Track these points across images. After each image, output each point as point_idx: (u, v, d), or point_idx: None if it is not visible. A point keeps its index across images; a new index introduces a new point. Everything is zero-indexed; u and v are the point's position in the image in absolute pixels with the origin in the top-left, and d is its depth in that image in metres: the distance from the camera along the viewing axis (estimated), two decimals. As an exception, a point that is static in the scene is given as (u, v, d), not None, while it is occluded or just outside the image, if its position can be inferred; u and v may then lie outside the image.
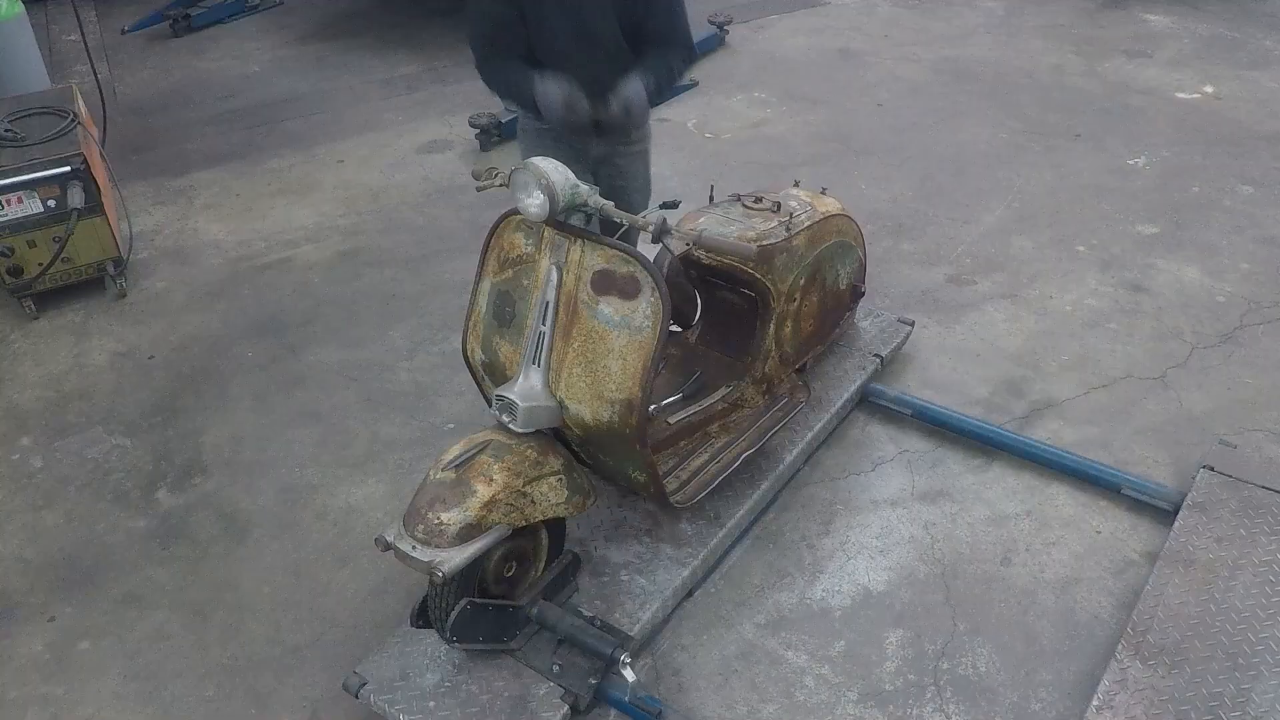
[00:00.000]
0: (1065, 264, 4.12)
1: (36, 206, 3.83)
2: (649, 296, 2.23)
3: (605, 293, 2.27)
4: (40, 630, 2.73)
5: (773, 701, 2.45)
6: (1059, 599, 2.68)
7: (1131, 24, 6.59)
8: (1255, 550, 2.64)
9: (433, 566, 2.13)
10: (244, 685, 2.55)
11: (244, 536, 2.99)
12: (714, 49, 6.30)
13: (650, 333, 2.23)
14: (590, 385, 2.30)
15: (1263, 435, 3.19)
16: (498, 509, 2.22)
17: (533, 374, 2.34)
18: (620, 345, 2.26)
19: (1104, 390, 3.42)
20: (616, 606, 2.53)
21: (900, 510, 2.97)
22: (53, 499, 3.15)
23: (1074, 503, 2.97)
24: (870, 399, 3.31)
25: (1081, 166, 4.86)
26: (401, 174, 4.97)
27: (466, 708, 2.30)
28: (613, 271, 2.26)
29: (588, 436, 2.40)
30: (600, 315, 2.28)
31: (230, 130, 5.50)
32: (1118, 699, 2.29)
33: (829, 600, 2.71)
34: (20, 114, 4.10)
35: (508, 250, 2.42)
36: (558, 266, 2.31)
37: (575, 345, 2.31)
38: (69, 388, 3.62)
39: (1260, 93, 5.56)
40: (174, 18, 6.79)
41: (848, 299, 3.31)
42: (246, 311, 3.99)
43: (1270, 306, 3.80)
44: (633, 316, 2.25)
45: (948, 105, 5.54)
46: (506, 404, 2.33)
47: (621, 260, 2.25)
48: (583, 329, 2.31)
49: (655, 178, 3.15)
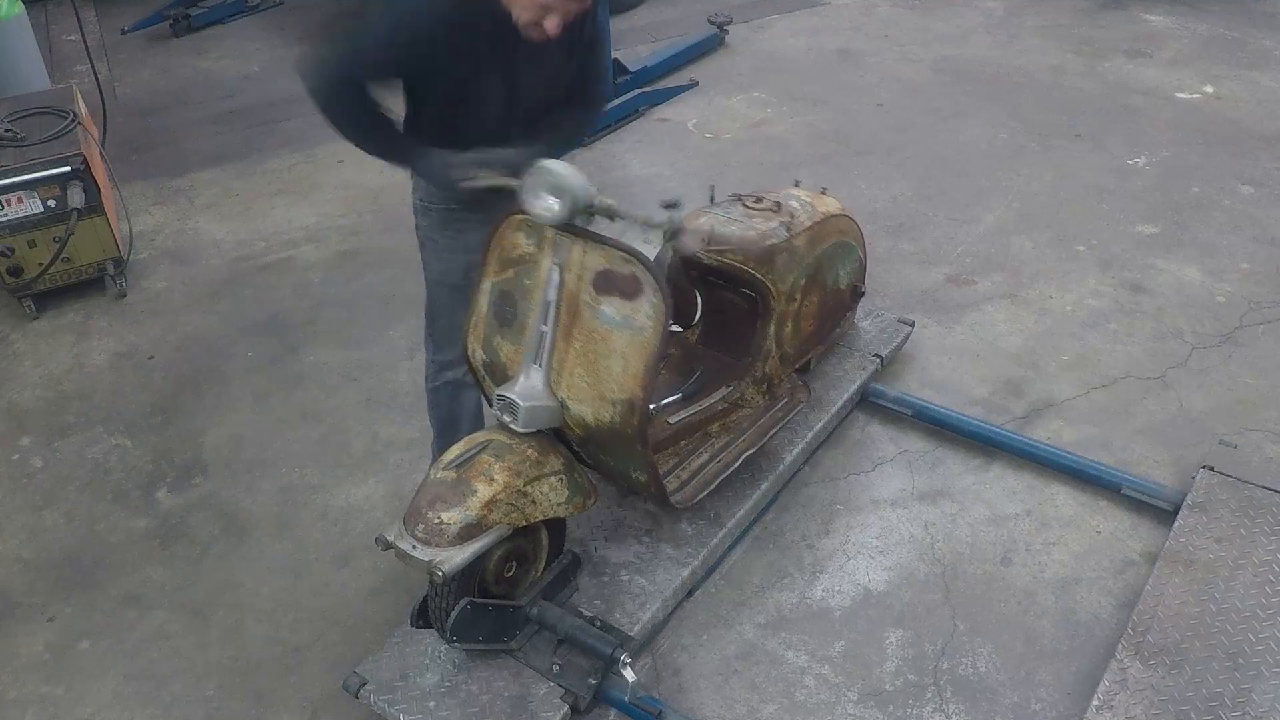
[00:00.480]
0: (1065, 264, 4.12)
1: (36, 206, 3.83)
2: (650, 297, 2.23)
3: (607, 293, 2.27)
4: (40, 630, 2.73)
5: (773, 701, 2.45)
6: (1059, 599, 2.68)
7: (1131, 24, 6.59)
8: (1255, 550, 2.64)
9: (433, 566, 2.13)
10: (244, 685, 2.55)
11: (244, 536, 2.99)
12: (714, 49, 6.29)
13: (652, 333, 2.23)
14: (592, 385, 2.30)
15: (1263, 435, 3.19)
16: (498, 509, 2.22)
17: (534, 374, 2.34)
18: (622, 345, 2.26)
19: (1104, 390, 3.42)
20: (616, 606, 2.53)
21: (900, 510, 2.97)
22: (53, 499, 3.15)
23: (1074, 503, 2.97)
24: (870, 399, 3.31)
25: (1081, 166, 4.86)
26: (401, 174, 4.94)
27: (466, 708, 2.30)
28: (614, 271, 2.26)
29: (589, 436, 2.40)
30: (602, 315, 2.28)
31: (230, 130, 5.50)
32: (1118, 699, 2.29)
33: (829, 600, 2.71)
34: (20, 114, 4.10)
35: (509, 250, 2.42)
36: (559, 266, 2.31)
37: (577, 345, 2.31)
38: (69, 388, 3.62)
39: (1260, 93, 5.56)
40: (174, 18, 6.79)
41: (848, 299, 3.31)
42: (247, 311, 3.99)
43: (1270, 307, 3.80)
44: (634, 316, 2.25)
45: (948, 105, 5.54)
46: (508, 403, 2.33)
47: (623, 260, 2.25)
48: (584, 329, 2.30)
49: (656, 178, 3.15)
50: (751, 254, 2.80)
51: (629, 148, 5.16)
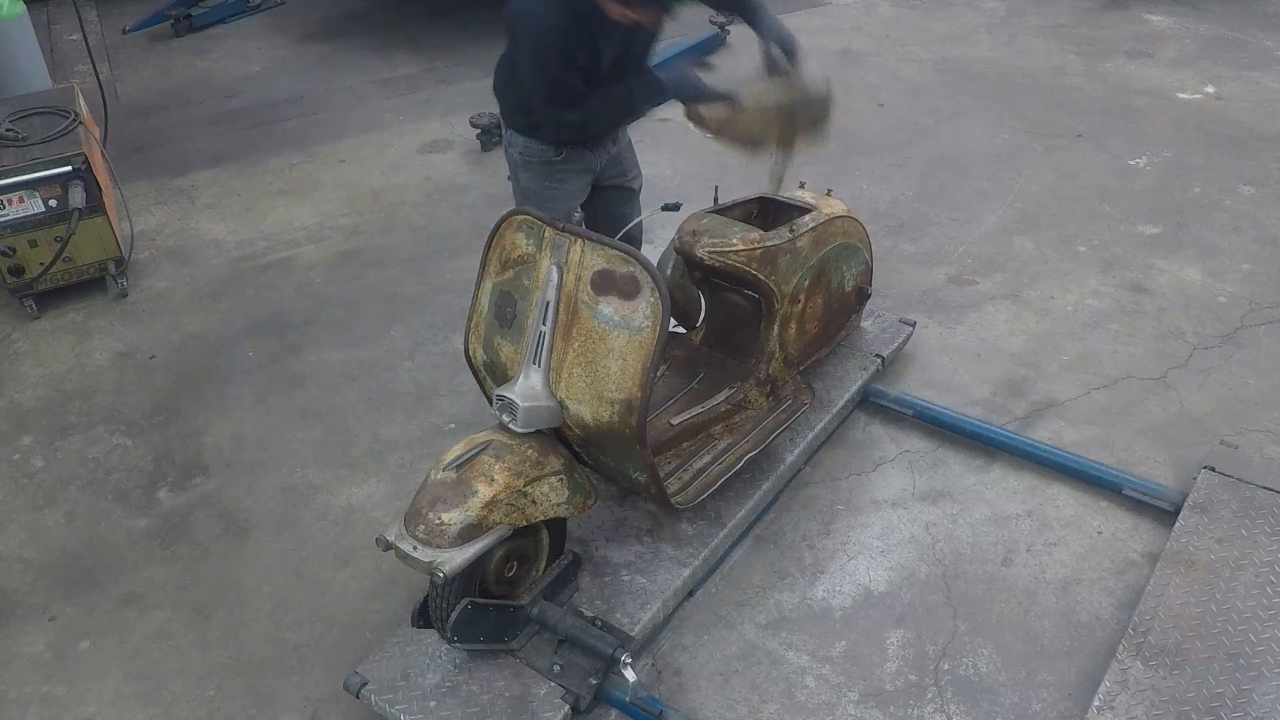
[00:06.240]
0: (1066, 264, 4.12)
1: (38, 206, 3.83)
2: (649, 296, 2.23)
3: (605, 293, 2.27)
4: (41, 630, 2.73)
5: (773, 702, 2.45)
6: (1060, 599, 2.68)
7: (1133, 24, 6.59)
8: (1256, 551, 2.64)
9: (434, 567, 2.13)
10: (245, 685, 2.55)
11: (245, 536, 2.99)
12: (715, 49, 6.30)
13: (650, 333, 2.23)
14: (590, 385, 2.30)
15: (1264, 436, 3.18)
16: (499, 509, 2.22)
17: (533, 374, 2.34)
18: (620, 345, 2.26)
19: (1105, 391, 3.42)
20: (617, 606, 2.53)
21: (901, 510, 2.97)
22: (54, 498, 3.15)
23: (1075, 503, 2.97)
24: (872, 399, 3.31)
25: (1083, 167, 4.86)
26: (402, 174, 4.97)
27: (467, 708, 2.30)
28: (613, 271, 2.27)
29: (588, 437, 2.40)
30: (600, 315, 2.28)
31: (231, 130, 5.50)
32: (1119, 699, 2.29)
33: (830, 600, 2.71)
34: (22, 114, 4.10)
35: (509, 250, 2.42)
36: (558, 266, 2.31)
37: (575, 345, 2.31)
38: (70, 387, 3.62)
39: (1261, 93, 5.56)
40: (175, 17, 6.79)
41: (853, 301, 3.31)
42: (247, 311, 3.99)
43: (1271, 307, 3.80)
44: (632, 316, 2.25)
45: (949, 105, 5.54)
46: (507, 404, 2.33)
47: (621, 260, 2.25)
48: (583, 329, 2.31)
49: (657, 179, 3.16)
50: (754, 255, 2.80)
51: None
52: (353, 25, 6.98)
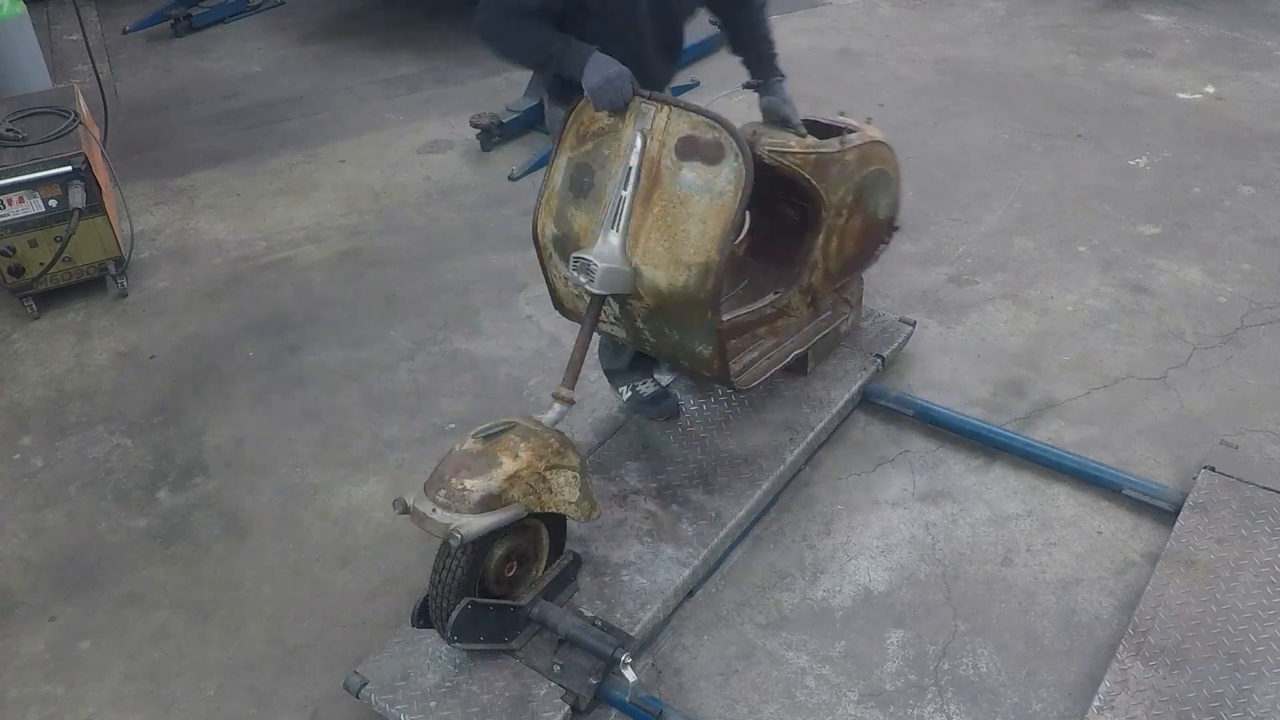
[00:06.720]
0: (1066, 264, 4.12)
1: (38, 206, 3.83)
2: (732, 161, 2.27)
3: (689, 158, 2.31)
4: (41, 630, 2.73)
5: (773, 702, 2.45)
6: (1060, 599, 2.68)
7: (1133, 24, 6.59)
8: (1257, 551, 2.64)
9: (451, 530, 2.11)
10: (245, 685, 2.55)
11: (245, 536, 2.99)
12: (714, 49, 6.29)
13: (732, 197, 2.27)
14: (668, 250, 2.34)
15: (1264, 436, 3.19)
16: (519, 485, 2.22)
17: (612, 237, 2.37)
18: (701, 210, 2.30)
19: (1105, 391, 3.42)
20: (617, 606, 2.53)
21: (901, 510, 2.97)
22: (54, 498, 3.15)
23: (1075, 503, 2.97)
24: (871, 399, 3.31)
25: (1083, 167, 4.86)
26: (402, 174, 4.97)
27: (467, 708, 2.30)
28: (698, 138, 2.30)
29: (660, 304, 2.42)
30: (682, 180, 2.32)
31: (231, 130, 5.50)
32: (1119, 700, 2.29)
33: (830, 600, 2.71)
34: (21, 113, 4.10)
35: (588, 125, 2.47)
36: (642, 133, 2.35)
37: (655, 211, 2.35)
38: (70, 387, 3.62)
39: (1262, 93, 5.56)
40: (175, 17, 6.78)
41: (885, 230, 3.32)
42: (247, 311, 3.99)
43: (1271, 307, 3.80)
44: (715, 181, 2.29)
45: (949, 105, 5.54)
46: (584, 264, 2.35)
47: (707, 126, 2.30)
48: (664, 195, 2.34)
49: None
50: (809, 160, 2.81)
51: (630, 148, 5.16)
52: (353, 25, 6.98)
